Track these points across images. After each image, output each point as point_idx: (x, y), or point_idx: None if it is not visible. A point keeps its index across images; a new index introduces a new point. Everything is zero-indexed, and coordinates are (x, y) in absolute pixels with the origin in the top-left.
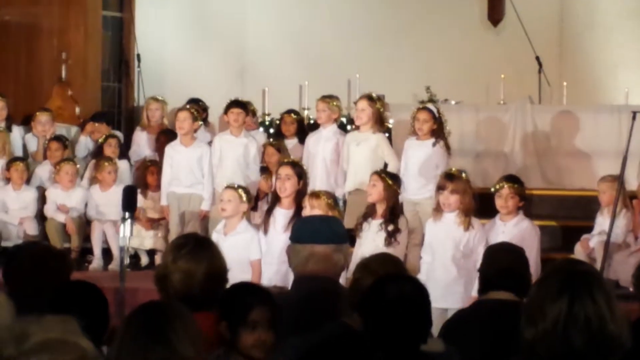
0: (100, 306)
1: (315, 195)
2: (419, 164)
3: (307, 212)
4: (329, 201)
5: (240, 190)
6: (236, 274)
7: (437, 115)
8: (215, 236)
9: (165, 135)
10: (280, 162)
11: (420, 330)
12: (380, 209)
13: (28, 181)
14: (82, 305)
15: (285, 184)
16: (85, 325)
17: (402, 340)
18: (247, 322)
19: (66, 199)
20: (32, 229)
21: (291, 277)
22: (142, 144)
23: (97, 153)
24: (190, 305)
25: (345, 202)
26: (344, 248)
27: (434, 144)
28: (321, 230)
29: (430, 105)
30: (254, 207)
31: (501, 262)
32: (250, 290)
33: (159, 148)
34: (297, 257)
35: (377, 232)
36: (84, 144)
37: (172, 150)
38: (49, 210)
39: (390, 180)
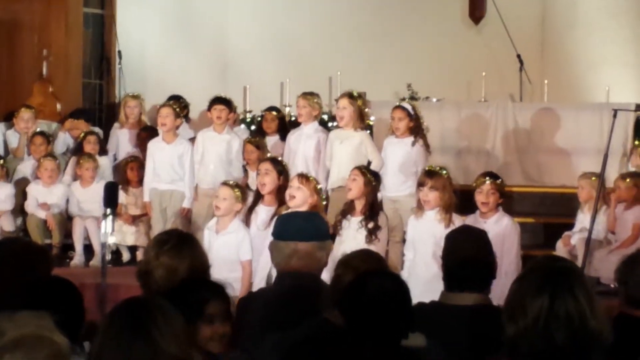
0: (75, 302)
1: (306, 177)
2: (398, 162)
3: (293, 190)
4: (318, 186)
5: (236, 190)
6: (225, 273)
7: (412, 112)
8: (207, 233)
9: (146, 132)
10: (260, 159)
11: (401, 326)
12: (360, 205)
13: (10, 178)
14: (57, 301)
15: (265, 179)
16: (60, 321)
17: (383, 336)
18: (204, 315)
19: (47, 194)
20: (8, 225)
21: (259, 272)
22: (122, 140)
23: (77, 150)
24: (172, 300)
25: (327, 198)
26: (326, 245)
27: (413, 144)
28: (305, 228)
29: (404, 103)
30: None
31: (464, 251)
32: (204, 285)
33: (140, 144)
34: (280, 254)
35: (358, 229)
36: (63, 140)
37: (155, 147)
38: (30, 206)
39: (371, 176)
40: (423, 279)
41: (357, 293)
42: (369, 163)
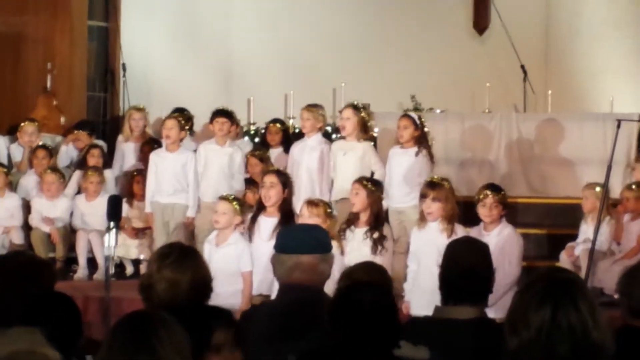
0: (72, 316)
1: (314, 203)
2: (402, 172)
3: (304, 219)
4: (328, 210)
5: (235, 203)
6: (226, 286)
7: (417, 122)
8: (207, 247)
9: (149, 145)
10: (265, 171)
11: (389, 336)
12: (364, 216)
13: (14, 191)
14: (54, 315)
15: (270, 192)
16: (57, 335)
17: (371, 347)
18: (211, 345)
19: (51, 208)
20: (18, 238)
21: (276, 286)
22: (128, 154)
23: (81, 163)
24: (174, 315)
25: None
26: (329, 257)
27: (417, 153)
28: (307, 241)
29: (410, 113)
30: None
31: (463, 263)
32: (210, 314)
33: (143, 158)
34: (282, 267)
35: (363, 240)
36: (66, 153)
37: (157, 157)
38: (34, 219)
39: (373, 186)
40: (428, 289)
41: (343, 305)
42: (372, 174)
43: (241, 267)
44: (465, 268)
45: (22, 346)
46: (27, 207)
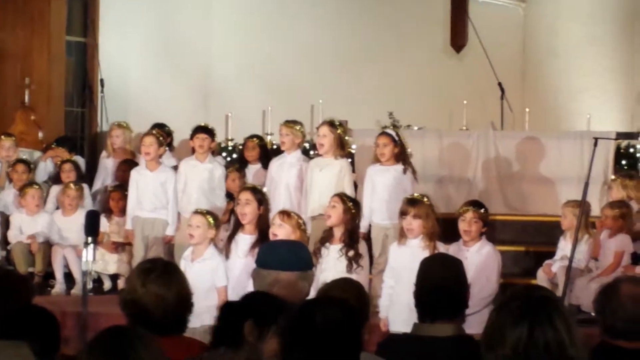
0: (52, 330)
1: (287, 214)
2: (387, 189)
3: (275, 228)
4: (300, 221)
5: (209, 217)
6: (201, 301)
7: (396, 139)
8: (183, 263)
9: (127, 165)
10: (241, 188)
11: (345, 355)
12: (338, 232)
13: None
14: (33, 329)
15: (245, 209)
16: (36, 350)
17: None
18: (277, 327)
19: (31, 223)
20: None
21: None
22: (108, 170)
23: (58, 178)
24: (159, 330)
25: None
26: (309, 275)
27: (404, 171)
28: (287, 257)
29: (389, 130)
30: None
31: (436, 280)
32: (277, 300)
33: (121, 177)
34: (262, 282)
35: (338, 257)
36: (43, 168)
37: (137, 175)
38: (13, 236)
39: (351, 203)
40: (408, 306)
41: (303, 323)
42: None
43: (216, 282)
44: (437, 285)
45: None
46: (5, 222)
